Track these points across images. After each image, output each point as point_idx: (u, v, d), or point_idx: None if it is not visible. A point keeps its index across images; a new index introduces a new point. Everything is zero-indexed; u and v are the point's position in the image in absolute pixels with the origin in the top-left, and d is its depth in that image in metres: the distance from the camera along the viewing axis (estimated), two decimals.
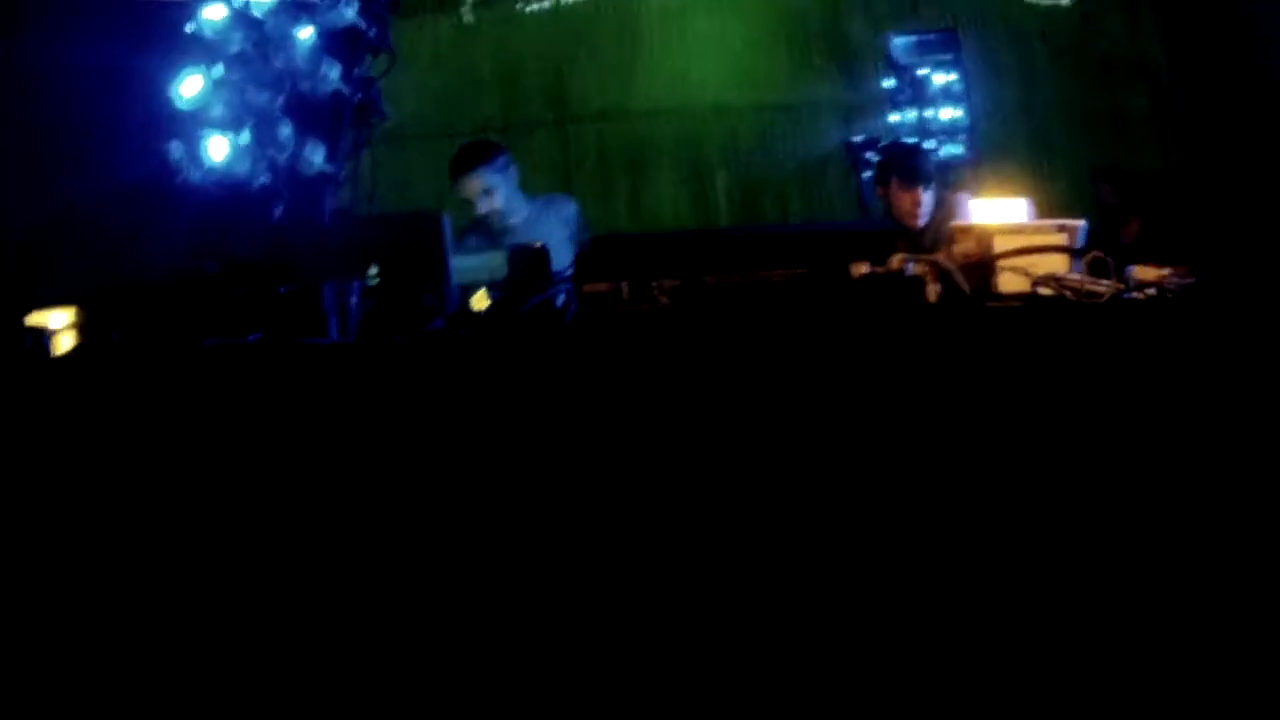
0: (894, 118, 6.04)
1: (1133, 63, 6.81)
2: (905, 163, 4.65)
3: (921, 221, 4.56)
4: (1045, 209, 5.11)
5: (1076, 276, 2.84)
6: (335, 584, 2.41)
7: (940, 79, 5.92)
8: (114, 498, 2.58)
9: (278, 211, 3.60)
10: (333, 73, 3.79)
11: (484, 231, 4.27)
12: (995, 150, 6.29)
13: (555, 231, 4.12)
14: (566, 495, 2.42)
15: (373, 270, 2.86)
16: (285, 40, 3.75)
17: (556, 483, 2.43)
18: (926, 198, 4.56)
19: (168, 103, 3.79)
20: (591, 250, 2.84)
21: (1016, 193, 3.49)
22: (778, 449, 2.36)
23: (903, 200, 4.59)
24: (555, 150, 6.93)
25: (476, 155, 4.39)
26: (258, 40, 3.77)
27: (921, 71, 5.94)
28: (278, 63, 3.70)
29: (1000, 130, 6.55)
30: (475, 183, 4.28)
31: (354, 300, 2.61)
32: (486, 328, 2.75)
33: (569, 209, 4.49)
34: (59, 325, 3.04)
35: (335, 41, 3.86)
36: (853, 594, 2.35)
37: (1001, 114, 6.61)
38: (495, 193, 4.28)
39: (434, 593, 2.38)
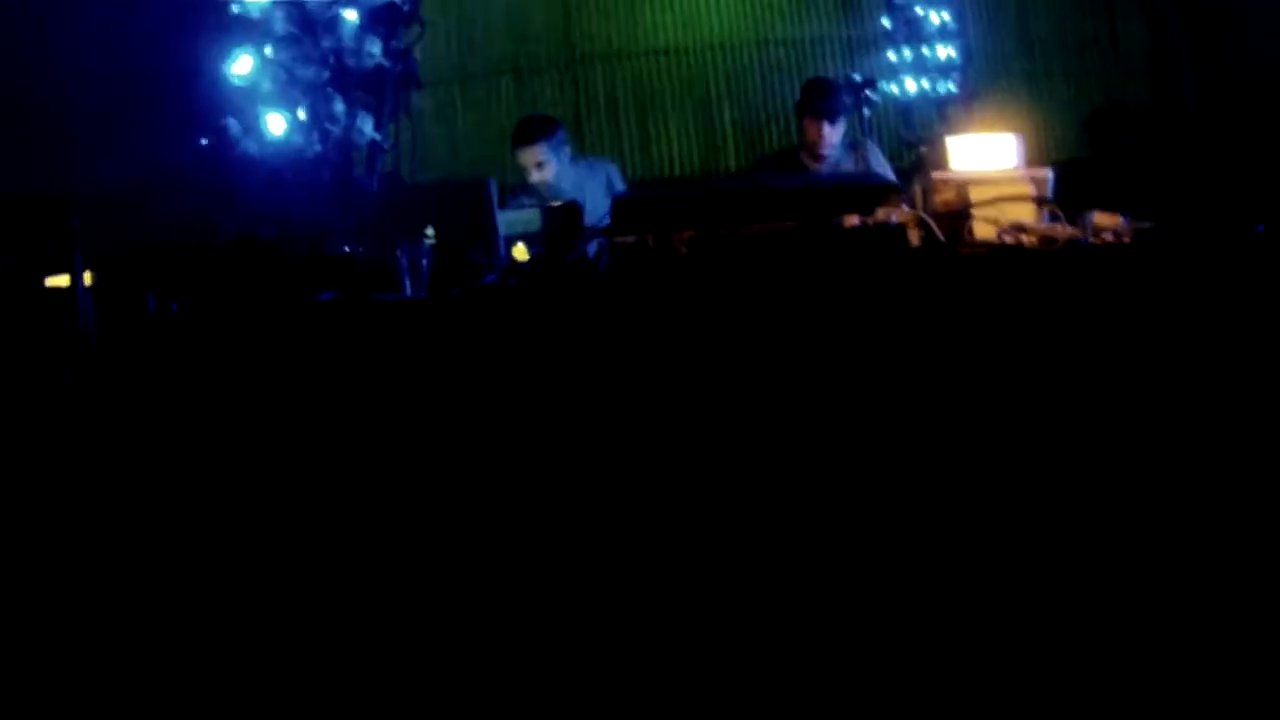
0: (891, 56, 6.57)
1: None
2: (818, 96, 5.35)
3: (825, 152, 5.28)
4: (1040, 142, 5.70)
5: (1041, 224, 3.50)
6: (436, 510, 3.09)
7: (935, 17, 6.44)
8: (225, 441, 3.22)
9: (330, 179, 4.22)
10: (375, 48, 4.42)
11: (534, 192, 4.95)
12: (992, 85, 6.81)
13: (600, 193, 4.82)
14: (600, 420, 3.10)
15: (429, 231, 3.50)
16: (330, 20, 4.38)
17: (593, 410, 3.10)
18: (830, 132, 5.28)
19: (221, 80, 4.41)
20: (621, 206, 3.47)
21: (1008, 128, 4.11)
22: (779, 377, 3.03)
23: (810, 130, 5.32)
24: (565, 92, 7.41)
25: (536, 130, 5.10)
26: (302, 20, 4.38)
27: (917, 10, 6.47)
28: (325, 42, 4.33)
29: (997, 65, 7.10)
30: (531, 155, 4.99)
31: (424, 261, 3.26)
32: (532, 279, 3.42)
33: (609, 171, 5.26)
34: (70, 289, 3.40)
35: (375, 18, 4.48)
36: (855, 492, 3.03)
37: (999, 48, 7.16)
38: (548, 166, 4.98)
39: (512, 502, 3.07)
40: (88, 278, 3.43)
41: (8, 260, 3.40)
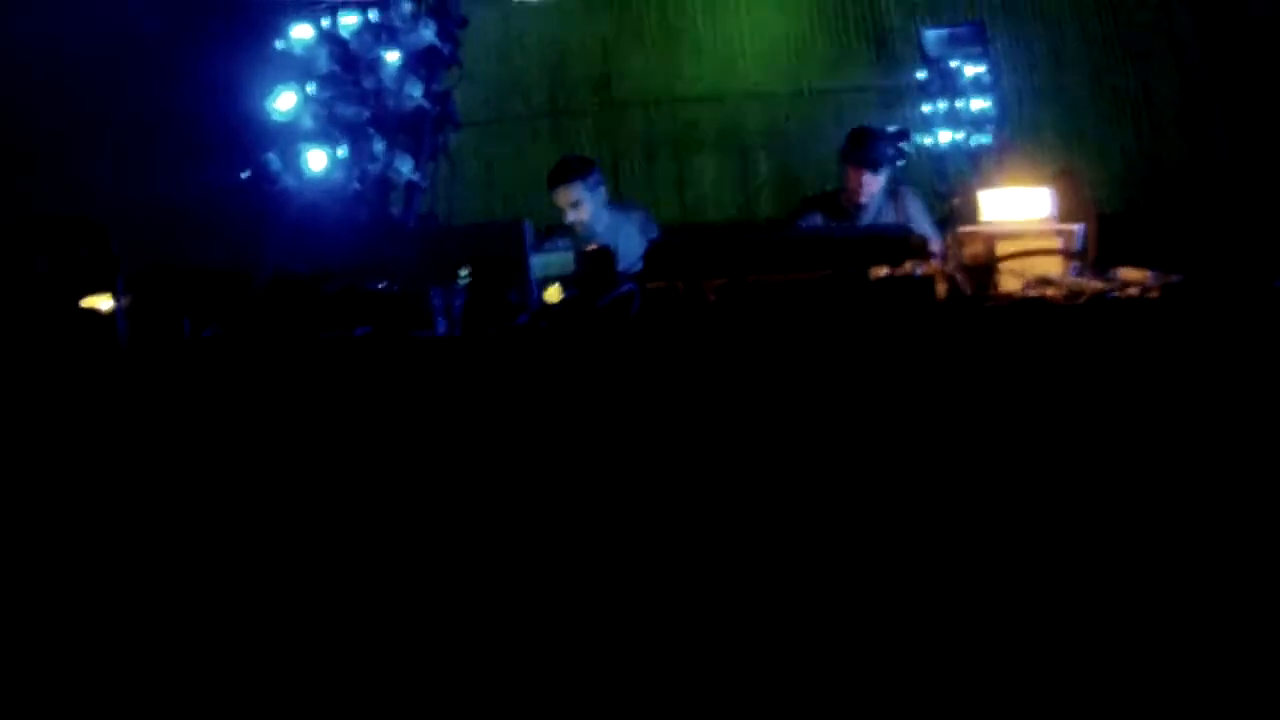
0: (926, 108, 6.62)
1: (1164, 45, 7.34)
2: (861, 146, 5.43)
3: (863, 200, 5.36)
4: (1072, 195, 5.73)
5: (1067, 278, 3.54)
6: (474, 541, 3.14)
7: (970, 70, 6.48)
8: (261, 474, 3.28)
9: (368, 217, 4.31)
10: (415, 90, 4.53)
11: (570, 233, 5.04)
12: (1025, 137, 6.85)
13: (634, 237, 4.91)
14: (626, 460, 3.15)
15: (464, 271, 3.57)
16: (372, 61, 4.48)
17: (619, 450, 3.15)
18: (871, 181, 5.38)
19: (262, 114, 4.51)
20: (653, 252, 3.54)
21: (1043, 181, 4.14)
22: (801, 423, 3.08)
23: (851, 178, 5.43)
24: (602, 136, 7.49)
25: (572, 170, 5.22)
26: (344, 59, 4.49)
27: (952, 64, 6.51)
28: (366, 83, 4.43)
29: (1030, 116, 7.15)
30: (567, 195, 5.10)
31: (458, 301, 3.32)
32: (565, 321, 3.48)
33: (643, 217, 5.35)
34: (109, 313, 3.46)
35: (416, 60, 4.59)
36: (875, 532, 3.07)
37: (1032, 100, 7.20)
38: (583, 206, 5.08)
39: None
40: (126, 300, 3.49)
41: (45, 279, 3.46)
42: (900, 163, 6.01)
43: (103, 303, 3.47)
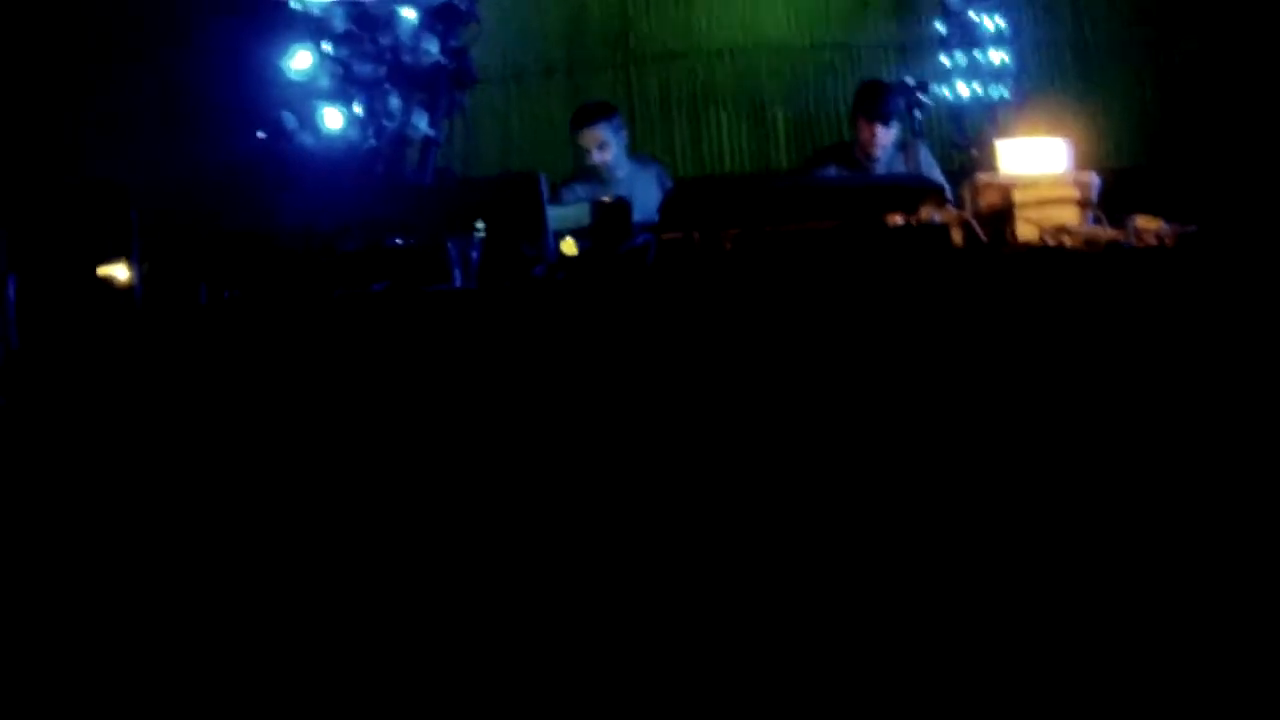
0: (945, 60, 6.60)
1: None
2: (873, 99, 5.42)
3: (877, 153, 5.36)
4: (1093, 149, 5.72)
5: (1084, 227, 3.54)
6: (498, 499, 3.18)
7: (989, 23, 6.48)
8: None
9: (384, 173, 4.34)
10: (432, 46, 4.55)
11: (590, 179, 5.13)
12: (1045, 90, 6.83)
13: (650, 188, 5.00)
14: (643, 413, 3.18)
15: (479, 224, 3.59)
16: (388, 17, 4.50)
17: (635, 403, 3.18)
18: (883, 134, 5.37)
19: (278, 75, 4.54)
20: (670, 202, 3.56)
21: (1062, 133, 4.14)
22: (819, 372, 3.10)
23: (864, 131, 5.41)
24: (619, 91, 7.46)
25: (597, 112, 5.33)
26: (360, 17, 4.51)
27: (971, 16, 6.50)
28: (383, 39, 4.45)
29: (1051, 69, 7.12)
30: (593, 136, 5.19)
31: (475, 254, 3.34)
32: (581, 273, 3.50)
33: (659, 169, 5.47)
34: (126, 277, 3.50)
35: (433, 16, 4.61)
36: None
37: (1053, 53, 7.17)
38: (608, 148, 5.16)
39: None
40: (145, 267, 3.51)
41: (64, 248, 3.48)
42: (919, 114, 6.00)
43: (119, 270, 3.49)
